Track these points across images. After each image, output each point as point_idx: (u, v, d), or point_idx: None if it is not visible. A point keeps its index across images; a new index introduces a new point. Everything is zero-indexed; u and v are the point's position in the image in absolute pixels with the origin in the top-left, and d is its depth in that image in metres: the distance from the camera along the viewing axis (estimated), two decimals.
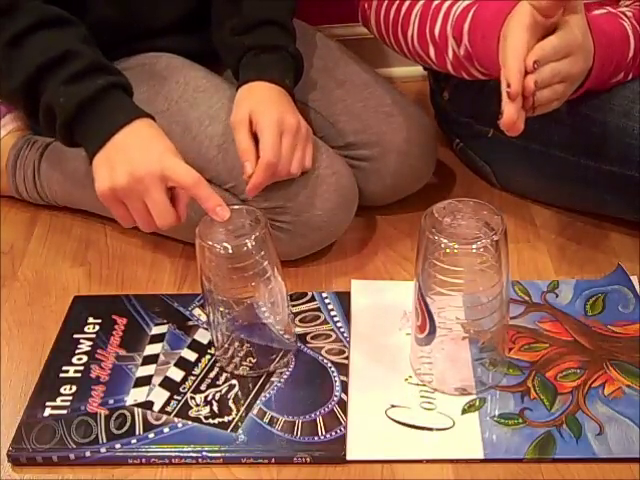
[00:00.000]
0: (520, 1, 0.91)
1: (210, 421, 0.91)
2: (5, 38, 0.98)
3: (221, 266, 0.90)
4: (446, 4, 1.06)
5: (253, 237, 0.90)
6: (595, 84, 1.00)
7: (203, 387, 0.96)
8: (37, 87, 0.98)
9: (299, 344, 1.00)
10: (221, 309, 0.93)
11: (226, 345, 0.97)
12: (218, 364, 0.98)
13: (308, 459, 0.88)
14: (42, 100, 0.98)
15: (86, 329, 1.04)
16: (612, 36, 0.99)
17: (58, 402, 0.94)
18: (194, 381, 0.96)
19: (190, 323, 1.04)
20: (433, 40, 1.07)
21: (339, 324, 1.03)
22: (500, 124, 0.89)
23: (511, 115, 0.88)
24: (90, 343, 1.02)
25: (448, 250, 0.85)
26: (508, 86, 0.87)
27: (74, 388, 0.96)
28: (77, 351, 1.01)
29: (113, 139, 0.96)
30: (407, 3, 1.11)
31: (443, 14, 1.06)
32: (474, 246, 0.85)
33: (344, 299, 1.07)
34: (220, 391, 0.95)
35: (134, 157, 0.95)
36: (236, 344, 0.96)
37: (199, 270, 0.92)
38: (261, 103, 1.04)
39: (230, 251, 0.89)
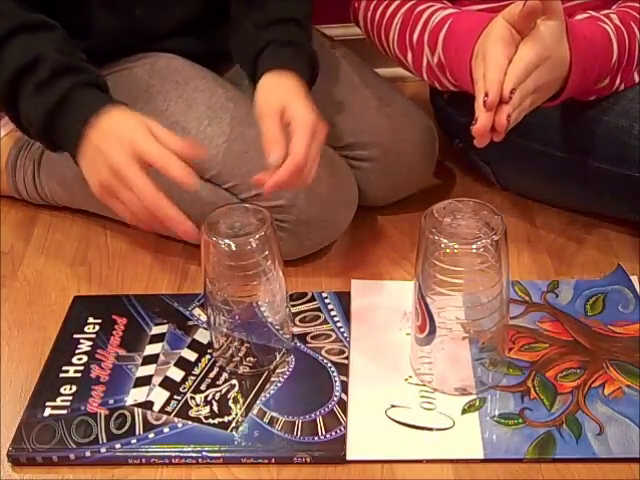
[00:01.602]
0: (495, 16, 0.93)
1: (210, 421, 0.91)
2: None
3: (224, 263, 0.90)
4: (427, 12, 1.07)
5: (257, 236, 0.90)
6: (577, 91, 1.00)
7: (203, 387, 0.96)
8: (14, 95, 0.98)
9: (299, 344, 1.00)
10: (223, 307, 0.93)
11: (226, 344, 0.97)
12: (218, 364, 0.98)
13: (308, 459, 0.88)
14: (21, 110, 0.98)
15: (86, 329, 1.04)
16: (592, 41, 0.99)
17: (58, 402, 0.94)
18: (194, 381, 0.96)
19: (190, 323, 1.04)
20: (411, 46, 1.08)
21: (339, 324, 1.03)
22: (472, 130, 0.89)
23: (485, 124, 0.89)
24: (90, 343, 1.02)
25: (448, 250, 0.85)
26: (486, 95, 0.88)
27: (74, 388, 0.96)
28: (77, 351, 1.01)
29: (86, 136, 0.95)
30: (392, 7, 1.11)
31: (423, 22, 1.07)
32: (474, 246, 0.85)
33: (344, 299, 1.07)
34: (220, 391, 0.95)
35: (107, 147, 0.94)
36: (236, 343, 0.96)
37: (202, 267, 0.92)
38: (295, 98, 1.00)
39: (234, 249, 0.89)
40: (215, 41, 1.17)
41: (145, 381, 0.97)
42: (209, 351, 1.00)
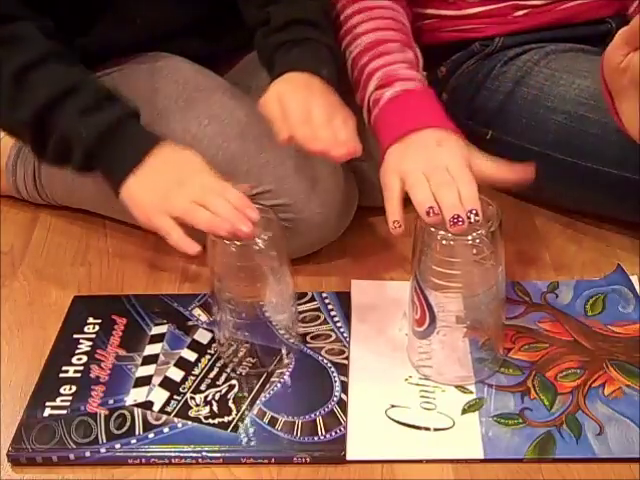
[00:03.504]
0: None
1: (210, 421, 0.91)
2: (11, 68, 0.98)
3: (231, 264, 0.91)
4: (375, 64, 1.06)
5: (265, 236, 0.90)
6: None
7: (203, 387, 0.96)
8: (48, 118, 0.98)
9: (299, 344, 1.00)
10: (229, 307, 0.93)
11: (227, 343, 0.97)
12: (220, 361, 0.98)
13: (308, 459, 0.87)
14: (57, 132, 0.98)
15: (86, 329, 1.04)
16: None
17: (58, 402, 0.94)
18: (194, 381, 0.96)
19: (190, 323, 1.04)
20: (358, 82, 1.08)
21: (339, 324, 1.03)
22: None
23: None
24: (90, 343, 1.02)
25: (445, 241, 0.86)
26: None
27: (74, 388, 0.96)
28: (77, 351, 1.01)
29: (144, 164, 0.98)
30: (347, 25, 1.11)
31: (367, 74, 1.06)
32: (470, 237, 0.86)
33: (344, 299, 1.07)
34: (220, 391, 0.95)
35: (172, 174, 0.98)
36: (240, 342, 0.96)
37: (209, 267, 0.92)
38: (289, 88, 1.02)
39: (241, 249, 0.89)
40: (215, 42, 1.18)
41: (145, 381, 0.97)
42: (209, 351, 1.00)
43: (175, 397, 0.95)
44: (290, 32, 1.08)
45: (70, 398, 0.95)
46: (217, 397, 0.94)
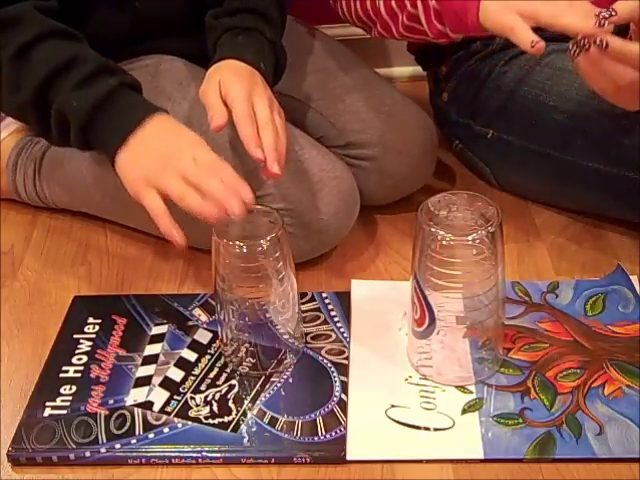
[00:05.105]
0: None
1: (210, 421, 0.91)
2: (10, 51, 0.97)
3: (235, 265, 0.90)
4: None
5: (269, 238, 0.90)
6: None
7: (203, 387, 0.96)
8: (47, 96, 0.97)
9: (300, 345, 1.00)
10: (232, 307, 0.93)
11: (229, 343, 0.97)
12: (221, 361, 0.98)
13: (308, 459, 0.88)
14: (53, 107, 0.97)
15: (86, 329, 1.04)
16: None
17: (58, 402, 0.94)
18: (194, 381, 0.96)
19: (190, 323, 1.04)
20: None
21: (339, 324, 1.03)
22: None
23: None
24: (90, 343, 1.02)
25: (444, 242, 0.86)
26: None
27: (74, 388, 0.96)
28: (77, 351, 1.01)
29: (135, 135, 0.96)
30: None
31: None
32: (470, 237, 0.86)
33: (344, 299, 1.07)
34: (220, 391, 0.95)
35: (164, 147, 0.95)
36: (242, 342, 0.96)
37: (213, 267, 0.92)
38: (230, 75, 1.01)
39: (245, 250, 0.89)
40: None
41: (145, 381, 0.97)
42: (209, 351, 1.00)
43: (175, 397, 0.95)
44: (240, 19, 1.07)
45: (70, 398, 0.95)
46: (217, 397, 0.94)
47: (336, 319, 1.04)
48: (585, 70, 0.90)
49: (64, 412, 0.93)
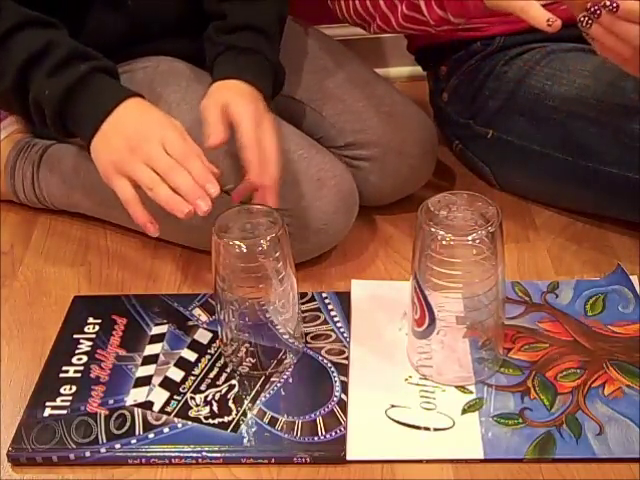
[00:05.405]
0: None
1: (210, 421, 0.91)
2: None
3: (235, 264, 0.90)
4: None
5: (269, 237, 0.90)
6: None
7: (203, 387, 0.96)
8: (24, 84, 0.97)
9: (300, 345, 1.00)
10: (232, 307, 0.93)
11: (229, 342, 0.97)
12: (221, 361, 0.98)
13: (308, 459, 0.88)
14: (30, 96, 0.97)
15: (86, 329, 1.04)
16: None
17: (58, 402, 0.94)
18: (194, 381, 0.96)
19: (190, 323, 1.04)
20: None
21: (339, 324, 1.03)
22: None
23: None
24: (90, 343, 1.02)
25: (444, 242, 0.86)
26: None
27: (74, 388, 0.96)
28: (77, 351, 1.01)
29: (108, 120, 0.95)
30: None
31: None
32: (470, 237, 0.86)
33: (344, 299, 1.07)
34: (220, 391, 0.95)
35: (132, 130, 0.94)
36: (242, 342, 0.96)
37: (213, 267, 0.92)
38: (237, 96, 1.01)
39: (245, 250, 0.89)
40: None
41: (145, 381, 0.97)
42: (209, 351, 1.00)
43: (175, 397, 0.95)
44: (241, 37, 1.07)
45: (70, 398, 0.95)
46: (217, 397, 0.94)
47: (336, 319, 1.04)
48: (599, 39, 0.88)
49: (64, 412, 0.93)
